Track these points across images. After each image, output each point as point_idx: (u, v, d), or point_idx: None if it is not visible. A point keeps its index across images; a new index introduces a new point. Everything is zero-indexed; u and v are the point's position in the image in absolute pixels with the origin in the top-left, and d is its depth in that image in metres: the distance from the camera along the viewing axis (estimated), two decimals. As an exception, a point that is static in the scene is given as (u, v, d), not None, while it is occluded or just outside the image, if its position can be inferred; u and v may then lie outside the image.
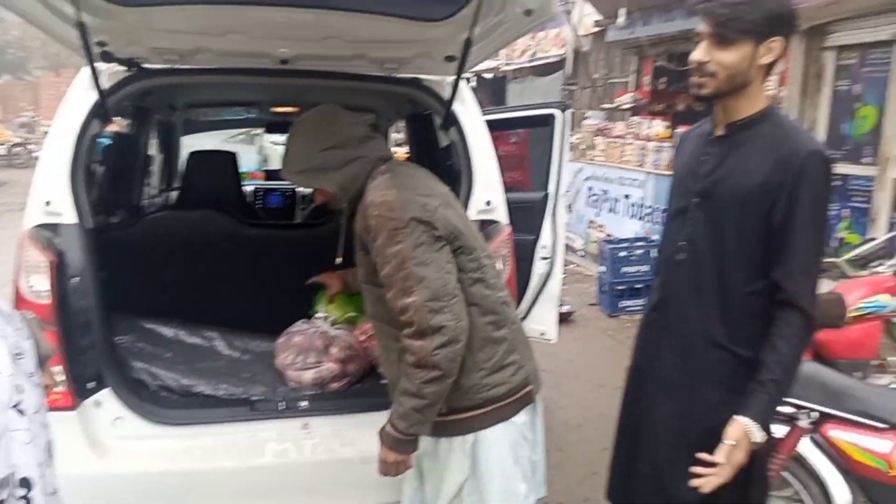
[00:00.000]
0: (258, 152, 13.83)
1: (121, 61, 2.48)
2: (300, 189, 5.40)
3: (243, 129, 10.31)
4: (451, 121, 2.71)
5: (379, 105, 4.39)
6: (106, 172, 3.17)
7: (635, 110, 9.23)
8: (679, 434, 1.91)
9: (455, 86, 2.62)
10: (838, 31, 6.27)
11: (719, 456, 1.74)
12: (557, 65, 11.81)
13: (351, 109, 4.88)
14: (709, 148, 1.88)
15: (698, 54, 1.76)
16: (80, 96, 2.40)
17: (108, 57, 2.39)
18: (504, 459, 1.95)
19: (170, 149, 4.79)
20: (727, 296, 1.82)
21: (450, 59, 2.64)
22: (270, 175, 6.19)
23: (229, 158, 3.57)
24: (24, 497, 1.19)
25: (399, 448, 1.89)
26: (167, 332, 2.62)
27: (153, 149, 4.29)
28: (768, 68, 1.77)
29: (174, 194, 4.87)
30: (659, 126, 7.36)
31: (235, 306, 2.87)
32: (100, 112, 2.41)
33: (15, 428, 1.19)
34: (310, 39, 2.49)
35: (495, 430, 1.94)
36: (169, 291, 2.80)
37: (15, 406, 1.20)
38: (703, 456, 1.76)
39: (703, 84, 1.77)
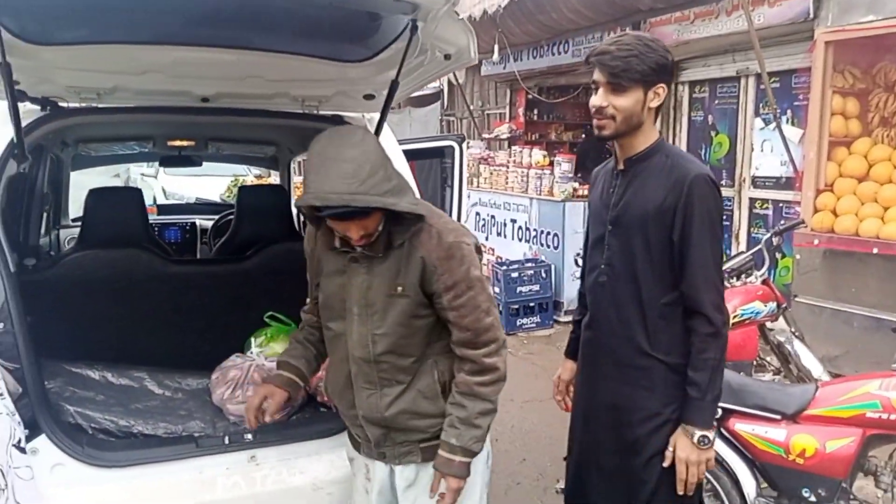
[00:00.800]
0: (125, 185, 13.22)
1: (34, 100, 2.43)
2: (201, 223, 5.31)
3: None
4: None
5: (287, 140, 4.44)
6: (5, 213, 3.02)
7: (512, 140, 9.74)
8: (621, 439, 2.10)
9: (381, 123, 2.75)
10: (690, 68, 6.99)
11: (667, 461, 2.00)
12: (434, 96, 12.18)
13: (257, 143, 4.85)
14: (614, 181, 2.12)
15: (597, 100, 1.99)
16: None
17: (21, 96, 2.33)
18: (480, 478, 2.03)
19: (58, 186, 4.58)
20: (645, 309, 2.04)
21: (368, 97, 2.77)
22: (163, 209, 6.00)
23: (135, 195, 3.49)
24: None
25: (467, 472, 1.89)
26: (94, 374, 2.54)
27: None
28: (657, 110, 2.04)
29: (64, 233, 4.64)
30: (538, 155, 7.83)
31: (161, 345, 2.83)
32: (14, 153, 2.34)
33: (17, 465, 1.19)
34: (231, 78, 2.55)
35: None
36: (93, 333, 2.72)
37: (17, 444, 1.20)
38: (666, 463, 2.02)
39: (604, 126, 2.00)
